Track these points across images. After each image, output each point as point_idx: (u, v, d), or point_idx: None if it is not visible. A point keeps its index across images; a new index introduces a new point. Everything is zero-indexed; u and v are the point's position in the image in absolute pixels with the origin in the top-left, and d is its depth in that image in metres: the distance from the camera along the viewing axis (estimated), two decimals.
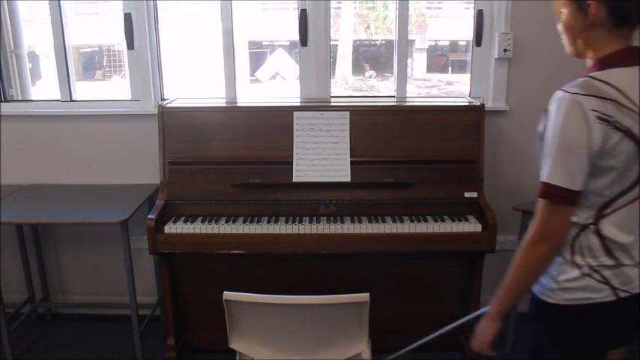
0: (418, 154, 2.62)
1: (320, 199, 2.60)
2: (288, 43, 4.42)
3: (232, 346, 1.87)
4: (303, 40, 2.97)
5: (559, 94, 1.31)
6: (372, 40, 4.72)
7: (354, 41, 4.55)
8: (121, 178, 3.07)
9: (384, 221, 2.49)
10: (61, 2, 3.00)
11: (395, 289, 2.76)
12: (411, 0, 2.98)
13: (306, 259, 2.64)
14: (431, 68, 4.91)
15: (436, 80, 4.97)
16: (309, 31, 2.95)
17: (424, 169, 2.61)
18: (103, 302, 3.26)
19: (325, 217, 2.55)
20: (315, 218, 2.54)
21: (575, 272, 1.38)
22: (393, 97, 3.10)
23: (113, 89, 4.84)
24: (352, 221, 2.50)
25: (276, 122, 2.65)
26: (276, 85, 4.79)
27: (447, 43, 4.90)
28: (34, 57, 3.58)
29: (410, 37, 3.05)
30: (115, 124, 3.04)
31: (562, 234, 1.36)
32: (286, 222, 2.50)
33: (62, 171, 3.11)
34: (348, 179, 2.57)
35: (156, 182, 2.87)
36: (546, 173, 1.33)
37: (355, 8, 4.20)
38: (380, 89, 4.74)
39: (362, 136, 2.63)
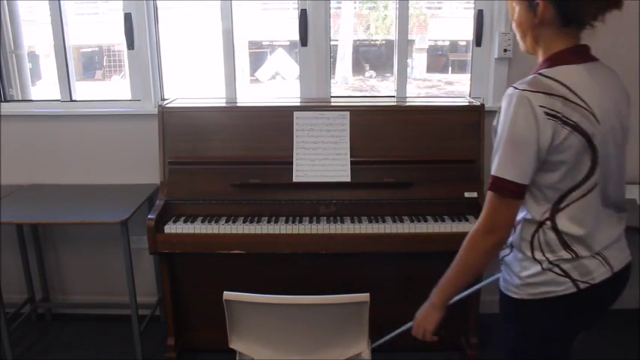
0: (418, 154, 2.62)
1: (320, 199, 2.60)
2: (288, 43, 4.42)
3: (232, 346, 1.87)
4: (303, 40, 2.97)
5: (509, 90, 1.34)
6: (372, 40, 4.72)
7: (354, 41, 4.55)
8: (121, 178, 3.07)
9: (384, 221, 2.49)
10: (61, 2, 3.00)
11: (395, 289, 2.76)
12: (411, 0, 2.98)
13: (306, 259, 2.64)
14: (431, 68, 4.91)
15: (436, 80, 4.98)
16: (309, 31, 2.95)
17: (424, 169, 2.61)
18: (103, 302, 3.25)
19: (325, 217, 2.55)
20: (315, 218, 2.54)
21: (536, 268, 1.41)
22: (393, 97, 3.10)
23: (113, 89, 4.85)
24: (352, 221, 2.50)
25: (276, 122, 2.65)
26: (276, 85, 4.79)
27: (447, 43, 4.91)
28: (34, 57, 3.58)
29: (410, 37, 3.05)
30: (115, 124, 3.04)
31: (509, 226, 1.39)
32: (286, 222, 2.50)
33: (62, 171, 3.10)
34: (348, 179, 2.57)
35: (156, 182, 2.87)
36: (496, 167, 1.35)
37: (355, 8, 4.20)
38: (380, 89, 4.75)
39: (362, 136, 2.63)
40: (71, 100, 3.13)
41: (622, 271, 1.47)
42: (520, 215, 1.43)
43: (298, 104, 2.88)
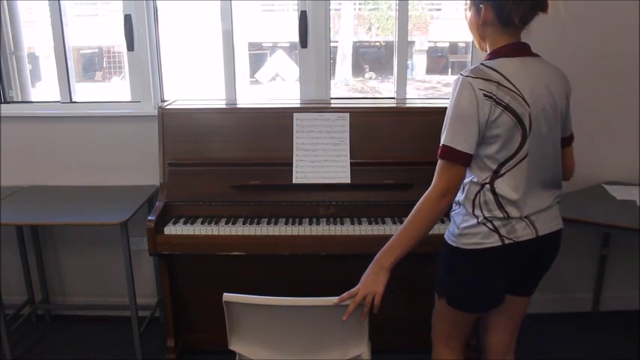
0: (418, 155, 2.62)
1: (320, 200, 2.60)
2: (288, 44, 4.42)
3: (232, 347, 1.86)
4: (303, 41, 2.98)
5: (457, 77, 1.63)
6: (371, 42, 4.73)
7: (354, 43, 4.55)
8: (120, 180, 3.07)
9: (383, 223, 2.49)
10: (61, 3, 3.00)
11: (395, 290, 2.74)
12: (410, 1, 2.98)
13: (306, 260, 2.64)
14: (430, 70, 4.91)
15: (435, 82, 4.98)
16: (309, 33, 2.96)
17: (424, 171, 2.60)
18: (102, 304, 3.25)
19: (325, 219, 2.54)
20: (314, 219, 2.54)
21: (473, 221, 1.68)
22: (393, 98, 3.10)
23: (113, 90, 4.85)
24: (352, 223, 2.50)
25: (276, 124, 2.65)
26: (276, 87, 4.80)
27: (447, 44, 4.91)
28: (33, 58, 3.58)
29: (410, 39, 3.05)
30: (115, 126, 3.04)
31: (457, 189, 1.67)
32: (286, 223, 2.50)
33: (62, 172, 3.10)
34: (348, 181, 2.57)
35: (156, 184, 2.87)
36: (445, 138, 1.61)
37: (355, 10, 4.21)
38: (380, 90, 4.75)
39: (362, 137, 2.63)
40: (71, 102, 3.13)
41: (548, 236, 1.75)
42: (468, 178, 1.70)
43: (298, 105, 2.88)
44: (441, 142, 1.62)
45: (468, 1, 1.73)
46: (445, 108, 2.80)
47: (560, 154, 1.78)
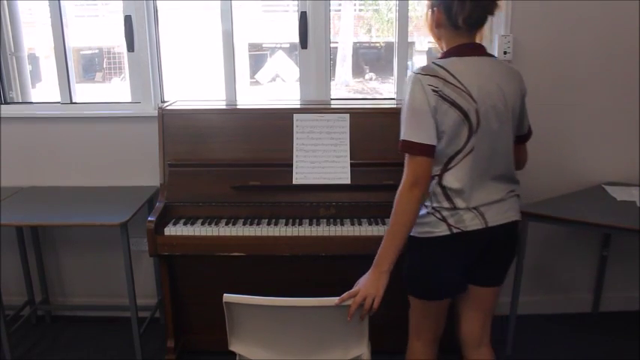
0: None
1: (320, 201, 2.60)
2: (288, 45, 4.42)
3: (232, 348, 1.86)
4: (303, 42, 2.98)
5: (410, 74, 1.73)
6: (372, 43, 4.72)
7: (355, 43, 4.54)
8: (120, 181, 3.07)
9: (383, 223, 2.49)
10: (61, 4, 3.00)
11: (395, 290, 2.75)
12: (410, 1, 2.98)
13: (306, 261, 2.64)
14: None
15: None
16: (309, 34, 2.96)
17: None
18: (102, 304, 3.25)
19: (325, 220, 2.54)
20: (315, 220, 2.54)
21: (424, 211, 1.79)
22: (393, 99, 3.10)
23: (113, 91, 4.84)
24: (352, 223, 2.50)
25: (276, 124, 2.65)
26: (276, 88, 4.79)
27: None
28: (34, 59, 3.58)
29: (410, 40, 3.05)
30: (115, 127, 3.04)
31: (426, 179, 1.71)
32: (286, 224, 2.50)
33: (62, 173, 3.10)
34: (348, 181, 2.57)
35: (156, 184, 2.87)
36: (404, 133, 1.71)
37: (355, 10, 4.20)
38: (381, 91, 4.74)
39: (362, 138, 2.63)
40: (71, 103, 3.14)
41: (499, 228, 1.81)
42: None
43: (298, 106, 2.88)
44: (400, 137, 1.72)
45: (427, 4, 1.84)
46: None
47: (512, 149, 1.85)
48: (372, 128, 2.65)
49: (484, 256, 1.85)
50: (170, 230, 2.49)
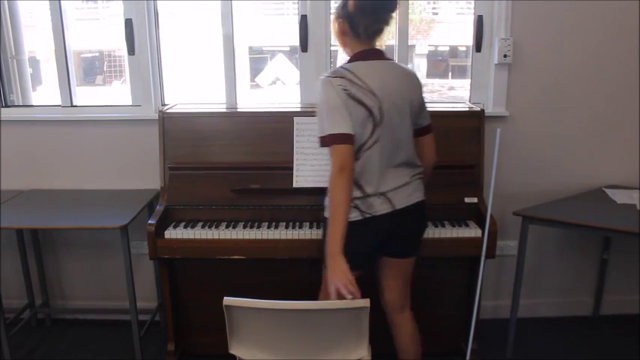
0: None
1: (320, 204, 2.58)
2: (288, 48, 4.42)
3: (232, 351, 1.86)
4: (304, 45, 2.98)
5: (320, 78, 1.95)
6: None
7: None
8: (121, 184, 3.08)
9: None
10: (62, 7, 3.01)
11: None
12: (411, 2, 2.98)
13: (306, 264, 2.63)
14: (431, 74, 4.91)
15: (437, 85, 4.98)
16: (310, 37, 2.96)
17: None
18: (102, 307, 3.25)
19: None
20: (315, 224, 2.54)
21: None
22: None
23: (114, 94, 4.85)
24: None
25: (276, 127, 2.65)
26: (277, 91, 4.80)
27: (447, 48, 4.91)
28: (34, 62, 3.59)
29: (410, 43, 3.05)
30: (116, 130, 3.05)
31: (351, 164, 1.90)
32: (286, 227, 2.50)
33: (63, 176, 3.11)
34: None
35: (156, 187, 2.87)
36: (325, 127, 1.90)
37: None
38: None
39: None
40: (72, 106, 3.14)
41: (406, 209, 2.04)
42: None
43: (298, 109, 2.87)
44: (324, 133, 1.90)
45: (334, 15, 2.03)
46: (446, 112, 2.82)
47: (411, 139, 2.08)
48: None
49: (396, 232, 2.07)
50: (170, 233, 2.49)
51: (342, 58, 4.01)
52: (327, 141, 1.91)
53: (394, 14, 2.00)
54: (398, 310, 2.29)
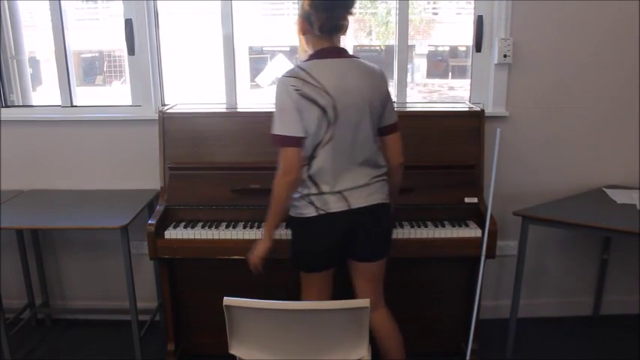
0: (418, 159, 2.62)
1: None
2: (288, 48, 4.42)
3: (232, 351, 1.86)
4: None
5: (278, 77, 1.98)
6: (372, 46, 4.73)
7: (355, 47, 4.55)
8: (121, 184, 3.08)
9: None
10: (62, 7, 3.01)
11: (395, 294, 2.75)
12: (410, 2, 2.98)
13: None
14: (431, 74, 4.92)
15: (437, 85, 4.98)
16: None
17: (424, 175, 2.61)
18: (102, 308, 3.25)
19: None
20: None
21: (297, 195, 2.05)
22: (394, 102, 3.10)
23: (114, 94, 4.86)
24: None
25: None
26: None
27: (447, 48, 4.91)
28: (34, 62, 3.59)
29: (410, 43, 3.05)
30: (116, 130, 3.04)
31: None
32: (286, 227, 2.50)
33: (63, 176, 3.11)
34: None
35: (156, 187, 2.87)
36: (275, 128, 1.96)
37: (356, 14, 4.20)
38: None
39: None
40: (72, 106, 3.14)
41: (364, 209, 2.05)
42: None
43: None
44: (273, 132, 1.97)
45: (298, 14, 2.07)
46: (446, 111, 2.83)
47: (372, 138, 2.07)
48: None
49: (356, 233, 2.08)
50: (170, 233, 2.49)
51: None
52: (276, 141, 1.96)
53: (352, 10, 2.03)
54: (372, 309, 2.24)
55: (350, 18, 2.04)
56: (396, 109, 2.95)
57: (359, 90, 1.98)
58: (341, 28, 2.02)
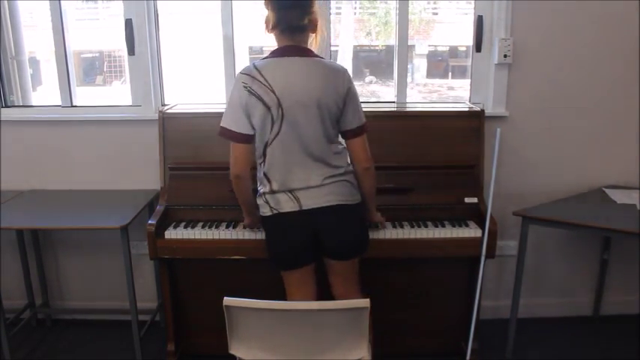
0: (418, 159, 2.63)
1: None
2: None
3: (232, 351, 1.86)
4: None
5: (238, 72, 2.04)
6: (372, 46, 4.73)
7: (354, 47, 4.55)
8: (121, 184, 3.08)
9: (383, 227, 2.49)
10: (62, 7, 3.01)
11: (395, 294, 2.76)
12: (410, 2, 2.98)
13: None
14: (431, 74, 4.91)
15: (437, 85, 4.98)
16: None
17: (424, 175, 2.61)
18: (103, 308, 3.25)
19: None
20: None
21: (258, 193, 2.13)
22: (394, 102, 3.11)
23: (114, 95, 4.85)
24: None
25: None
26: None
27: (447, 48, 4.91)
28: (34, 62, 3.59)
29: (410, 43, 3.05)
30: (116, 130, 3.05)
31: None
32: None
33: (63, 176, 3.11)
34: None
35: (156, 188, 2.87)
36: (223, 120, 2.03)
37: (355, 14, 4.21)
38: (381, 94, 4.74)
39: None
40: (72, 106, 3.14)
41: (317, 210, 2.06)
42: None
43: None
44: (220, 124, 2.04)
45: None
46: (446, 112, 2.83)
47: (322, 139, 2.05)
48: (372, 131, 2.63)
49: (322, 235, 2.10)
50: (170, 234, 2.49)
51: (342, 58, 4.02)
52: (221, 133, 2.04)
53: (310, 10, 2.04)
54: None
55: (313, 18, 2.05)
56: (396, 109, 2.97)
57: (307, 90, 1.98)
58: (302, 29, 2.03)
